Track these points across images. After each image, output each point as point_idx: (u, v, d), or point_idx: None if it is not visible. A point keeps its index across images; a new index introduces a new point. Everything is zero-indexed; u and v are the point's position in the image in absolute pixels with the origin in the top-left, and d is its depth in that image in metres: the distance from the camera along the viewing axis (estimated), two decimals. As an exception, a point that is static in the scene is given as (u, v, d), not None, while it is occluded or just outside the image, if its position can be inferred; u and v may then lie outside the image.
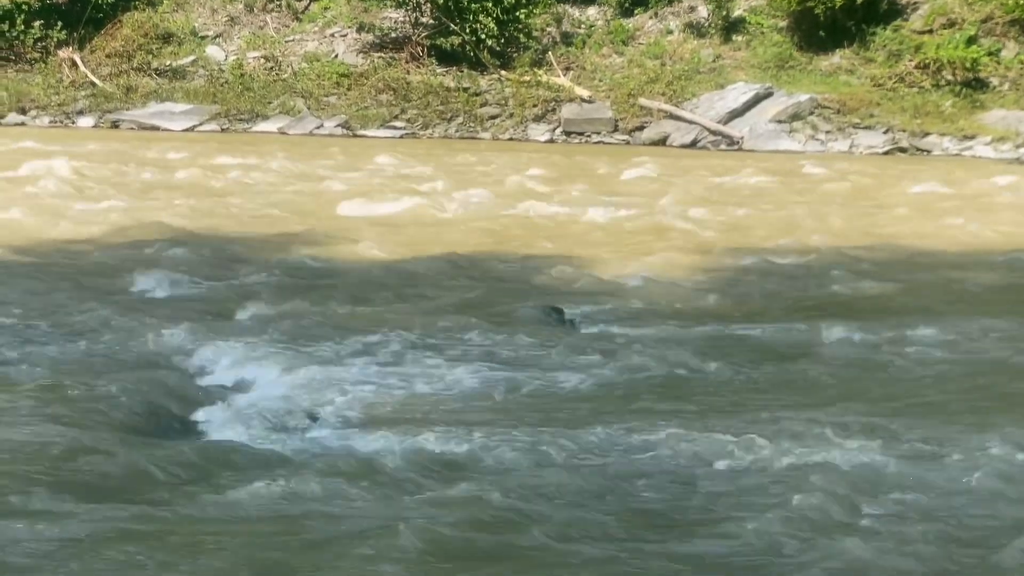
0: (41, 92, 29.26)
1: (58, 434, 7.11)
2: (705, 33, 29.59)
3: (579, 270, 12.77)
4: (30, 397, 7.75)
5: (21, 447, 6.95)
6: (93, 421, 7.43)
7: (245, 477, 6.75)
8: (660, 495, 6.82)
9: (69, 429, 7.19)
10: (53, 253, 13.02)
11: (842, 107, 26.61)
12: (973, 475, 6.98)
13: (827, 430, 7.57)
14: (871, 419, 7.84)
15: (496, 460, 7.26)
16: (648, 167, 21.49)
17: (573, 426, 7.79)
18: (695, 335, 10.20)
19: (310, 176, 19.93)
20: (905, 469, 7.11)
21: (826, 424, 7.68)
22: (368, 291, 11.64)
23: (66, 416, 7.41)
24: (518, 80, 28.64)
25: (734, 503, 6.64)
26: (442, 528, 6.08)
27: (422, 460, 7.18)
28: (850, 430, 7.62)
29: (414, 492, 6.68)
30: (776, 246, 14.49)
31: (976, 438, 7.51)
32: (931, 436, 7.60)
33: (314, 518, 6.27)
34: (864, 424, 7.73)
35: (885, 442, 7.46)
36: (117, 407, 7.69)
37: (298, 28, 31.66)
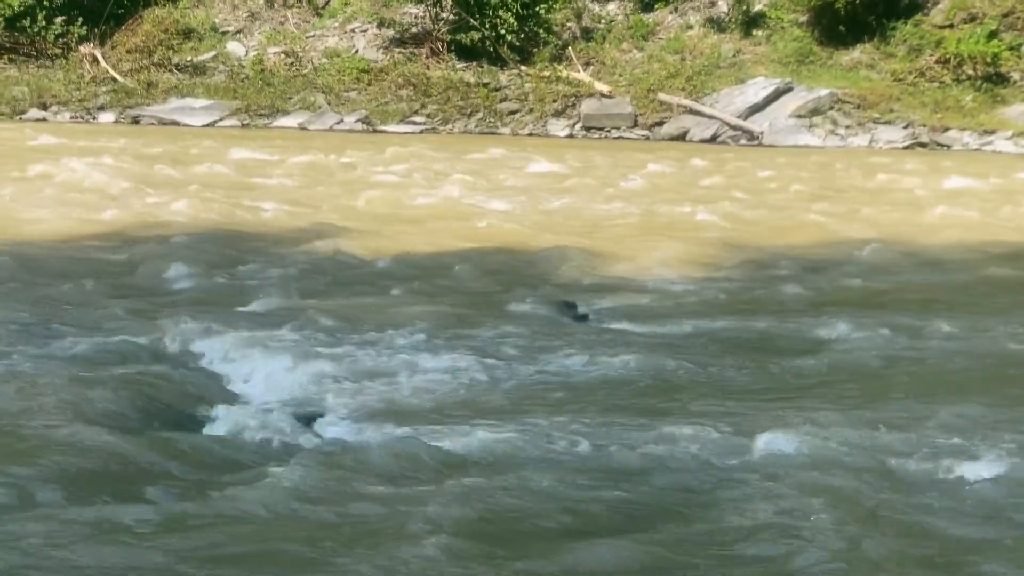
0: (62, 88, 29.41)
1: (67, 428, 7.11)
2: (725, 28, 29.53)
3: (594, 265, 12.74)
4: (40, 392, 7.75)
5: (29, 441, 6.96)
6: (103, 415, 7.43)
7: (254, 472, 6.74)
8: (672, 492, 6.78)
9: (74, 423, 7.19)
10: (67, 247, 13.06)
11: (862, 102, 26.55)
12: (992, 473, 6.92)
13: (843, 428, 7.51)
14: (887, 415, 7.78)
15: (506, 456, 7.23)
16: (667, 162, 21.45)
17: (586, 422, 7.75)
18: (709, 331, 10.15)
19: (329, 171, 19.98)
20: (922, 467, 7.05)
21: (841, 422, 7.62)
22: (381, 285, 11.64)
23: (76, 410, 7.41)
24: (538, 75, 28.65)
25: (746, 501, 6.58)
26: (452, 523, 6.05)
27: (432, 455, 7.15)
28: (866, 428, 7.56)
29: (424, 488, 6.65)
30: (794, 241, 14.45)
31: (997, 436, 7.44)
32: (946, 433, 7.54)
33: (322, 514, 6.25)
34: (880, 421, 7.67)
35: (902, 440, 7.40)
36: (127, 401, 7.69)
37: (318, 24, 31.73)
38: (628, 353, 9.26)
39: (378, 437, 7.46)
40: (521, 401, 8.19)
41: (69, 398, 7.60)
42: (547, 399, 8.30)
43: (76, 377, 8.12)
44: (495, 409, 7.98)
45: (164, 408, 7.82)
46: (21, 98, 28.95)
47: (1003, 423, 7.66)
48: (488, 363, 8.96)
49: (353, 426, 7.64)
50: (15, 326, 9.55)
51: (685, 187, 18.88)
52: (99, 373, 8.22)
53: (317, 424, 7.69)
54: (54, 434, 7.06)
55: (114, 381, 8.02)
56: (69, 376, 8.16)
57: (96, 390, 7.81)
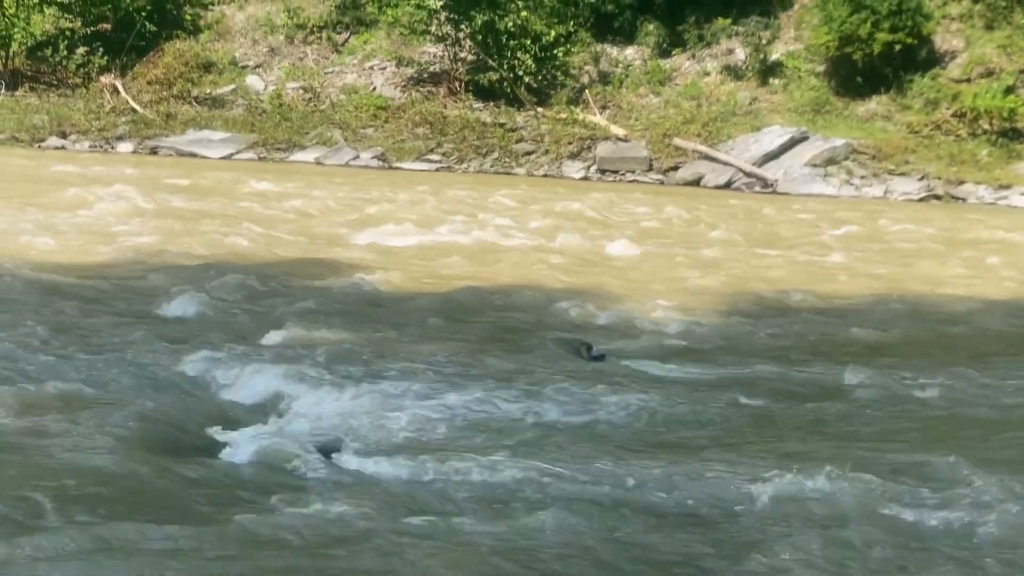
0: (82, 117, 29.59)
1: (85, 453, 7.14)
2: (742, 75, 29.65)
3: (611, 305, 12.78)
4: (59, 416, 7.79)
5: (47, 465, 6.98)
6: (119, 441, 7.45)
7: (268, 502, 6.75)
8: (686, 534, 6.78)
9: (94, 448, 7.22)
10: (87, 275, 13.10)
11: (878, 153, 26.60)
12: (999, 519, 6.91)
13: (851, 473, 7.51)
14: (896, 461, 7.78)
15: (523, 494, 7.23)
16: (681, 207, 21.51)
17: (601, 461, 7.76)
18: (724, 374, 10.18)
19: (344, 206, 20.05)
20: (934, 516, 7.05)
21: (853, 469, 7.62)
22: (397, 320, 11.68)
23: (92, 435, 7.44)
24: (554, 117, 28.78)
25: (758, 546, 6.59)
26: (467, 560, 6.06)
27: (445, 491, 7.17)
28: (878, 476, 7.55)
29: (440, 523, 6.66)
30: (808, 288, 14.46)
31: (1011, 488, 7.43)
32: (959, 484, 7.53)
33: (335, 546, 6.26)
34: (890, 467, 7.67)
35: (911, 487, 7.39)
36: (145, 428, 7.71)
37: (337, 60, 31.93)
38: (643, 394, 9.27)
39: (394, 471, 7.47)
40: (538, 439, 8.20)
41: (88, 423, 7.64)
42: (562, 438, 8.31)
43: (95, 402, 8.16)
44: (511, 446, 7.99)
45: (182, 435, 7.84)
46: (41, 126, 29.11)
47: (1020, 476, 7.65)
48: (504, 401, 8.97)
49: (370, 459, 7.64)
50: (34, 352, 9.59)
51: (701, 231, 18.94)
52: (118, 399, 8.26)
53: (334, 455, 7.70)
54: (73, 458, 7.09)
55: (133, 408, 8.05)
56: (88, 401, 8.20)
57: (115, 416, 7.84)
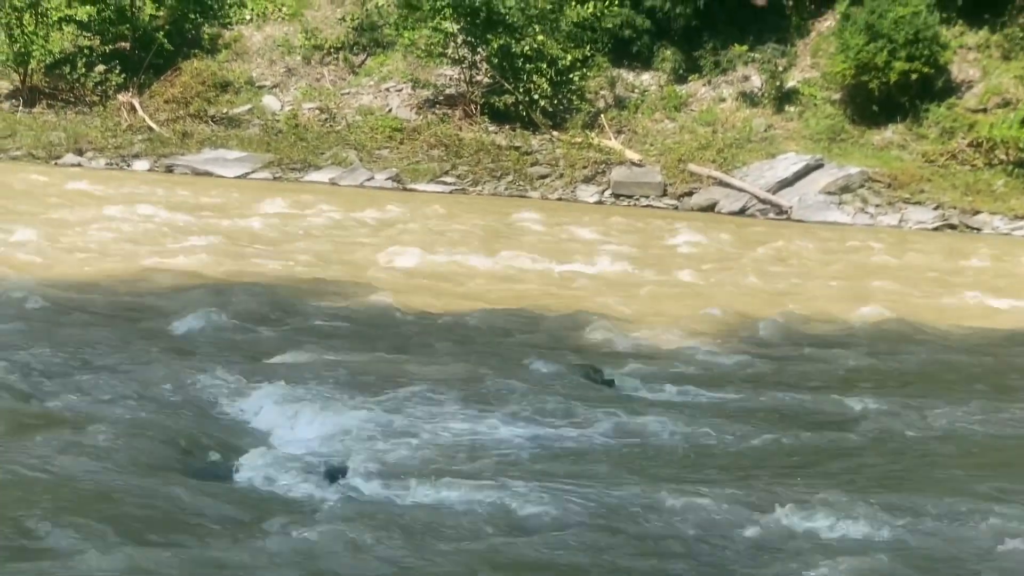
0: (99, 134, 29.71)
1: (95, 471, 7.17)
2: (758, 102, 29.67)
3: (622, 330, 12.75)
4: (70, 435, 7.81)
5: (57, 483, 7.00)
6: (130, 460, 7.48)
7: (280, 523, 6.76)
8: (694, 562, 6.76)
9: (106, 467, 7.24)
10: (99, 293, 13.14)
11: (893, 181, 26.57)
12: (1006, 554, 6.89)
13: (858, 505, 7.48)
14: (900, 496, 7.76)
15: (530, 519, 7.22)
16: (696, 232, 21.50)
17: (609, 487, 7.74)
18: (734, 401, 10.16)
19: (358, 226, 20.10)
20: (933, 546, 7.02)
21: (857, 499, 7.59)
22: (408, 343, 11.68)
23: (104, 454, 7.47)
24: (569, 141, 28.81)
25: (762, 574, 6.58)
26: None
27: (453, 514, 7.16)
28: (888, 506, 7.53)
29: (446, 547, 6.65)
30: (821, 316, 14.44)
31: (1010, 519, 7.40)
32: (957, 516, 7.50)
33: (344, 568, 6.26)
34: (902, 500, 7.65)
35: (913, 520, 7.37)
36: (154, 447, 7.74)
37: (354, 81, 32.02)
38: (652, 421, 9.25)
39: (402, 494, 7.46)
40: (546, 464, 8.19)
41: (99, 444, 7.65)
42: (571, 464, 8.29)
43: (103, 421, 8.16)
44: (520, 471, 7.98)
45: (190, 456, 7.85)
46: (58, 143, 29.24)
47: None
48: (513, 425, 8.97)
49: (378, 481, 7.64)
50: (46, 371, 9.60)
51: (715, 257, 18.94)
52: (129, 419, 8.27)
53: (342, 478, 7.70)
54: (84, 478, 7.11)
55: (143, 428, 8.07)
56: (99, 422, 8.20)
57: (125, 436, 7.86)
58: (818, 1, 31.13)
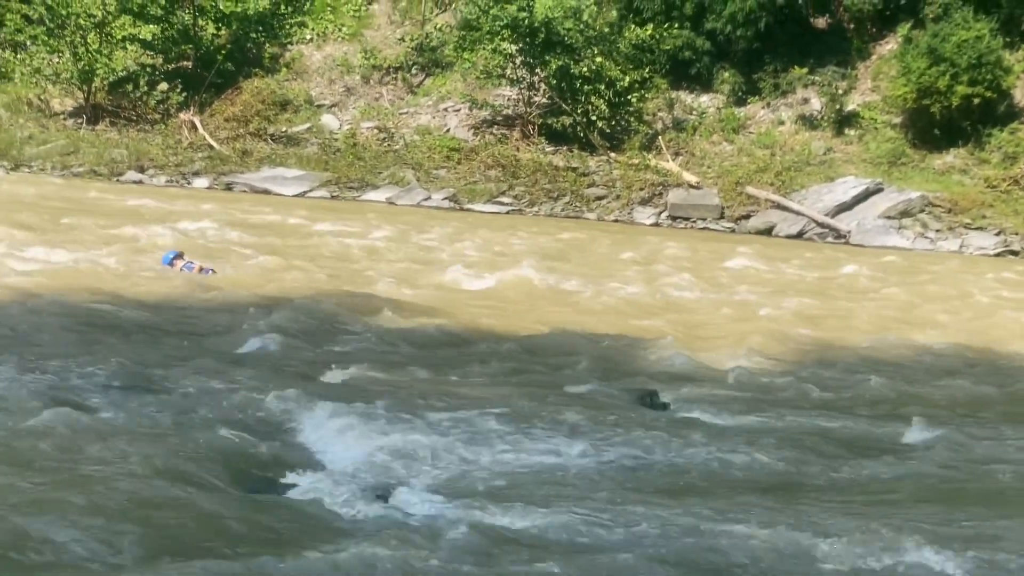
0: (160, 152, 29.98)
1: (147, 486, 7.20)
2: (817, 125, 29.47)
3: (676, 353, 12.68)
4: (124, 449, 7.85)
5: (113, 497, 7.03)
6: (182, 475, 7.51)
7: (330, 541, 6.76)
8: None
9: (158, 481, 7.27)
10: (158, 310, 13.23)
11: (953, 206, 26.27)
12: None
13: (909, 534, 7.37)
14: (958, 526, 7.65)
15: (579, 541, 7.19)
16: (753, 256, 21.37)
17: (660, 510, 7.69)
18: (788, 426, 10.06)
19: (414, 246, 20.13)
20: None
21: (913, 530, 7.48)
22: (460, 362, 11.67)
23: (156, 468, 7.50)
24: (627, 163, 28.74)
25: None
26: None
27: (505, 535, 7.13)
28: (938, 538, 7.41)
29: (496, 569, 6.62)
30: (877, 341, 14.28)
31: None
32: (1004, 543, 7.37)
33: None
34: (951, 532, 7.53)
35: (960, 549, 7.25)
36: (206, 462, 7.76)
37: (412, 101, 32.13)
38: (706, 444, 9.19)
39: (453, 514, 7.43)
40: (598, 487, 8.14)
41: (155, 457, 7.69)
42: (624, 486, 8.24)
43: (161, 437, 8.22)
44: (571, 493, 7.94)
45: (245, 471, 7.88)
46: (120, 160, 29.53)
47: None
48: (567, 446, 8.93)
49: (429, 501, 7.62)
50: (105, 385, 9.69)
51: (771, 280, 18.79)
52: (185, 434, 8.32)
53: (393, 496, 7.68)
54: (138, 491, 7.13)
55: (198, 442, 8.12)
56: (156, 435, 8.26)
57: (180, 450, 7.91)
58: (880, 24, 30.91)
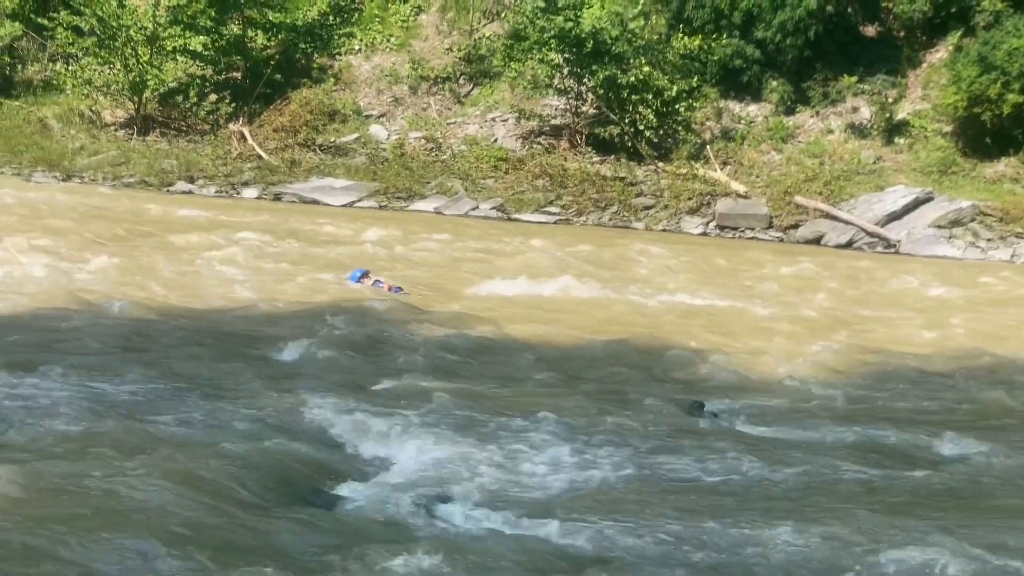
0: (209, 163, 30.18)
1: (197, 497, 7.26)
2: (867, 134, 29.29)
3: (723, 363, 12.65)
4: (174, 459, 7.92)
5: (161, 509, 7.09)
6: (232, 485, 7.57)
7: (380, 555, 6.77)
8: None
9: (209, 493, 7.34)
10: (209, 319, 13.34)
11: (1005, 215, 26.02)
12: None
13: (959, 552, 7.32)
14: (1003, 540, 7.61)
15: (631, 555, 7.20)
16: (803, 265, 21.27)
17: (709, 523, 7.69)
18: (834, 437, 10.03)
19: (463, 255, 20.17)
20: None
21: (958, 545, 7.44)
22: (510, 373, 11.69)
23: (207, 479, 7.57)
24: (674, 172, 28.67)
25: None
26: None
27: (556, 549, 7.15)
28: (984, 552, 7.37)
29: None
30: (929, 352, 14.18)
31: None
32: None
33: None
34: (997, 545, 7.49)
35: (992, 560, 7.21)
36: (257, 473, 7.82)
37: (460, 111, 32.20)
38: (752, 456, 9.18)
39: (503, 527, 7.46)
40: (647, 499, 8.14)
41: (203, 470, 7.75)
42: (672, 499, 8.24)
43: (212, 447, 8.27)
44: (620, 506, 7.94)
45: (294, 483, 7.93)
46: (170, 170, 29.75)
47: None
48: (615, 458, 8.94)
49: (479, 514, 7.65)
50: (155, 395, 9.78)
51: (820, 290, 18.67)
52: (233, 445, 8.37)
53: (444, 509, 7.71)
54: (185, 504, 7.20)
55: (247, 453, 8.17)
56: (206, 446, 8.32)
57: (229, 461, 7.96)
58: (930, 32, 30.68)
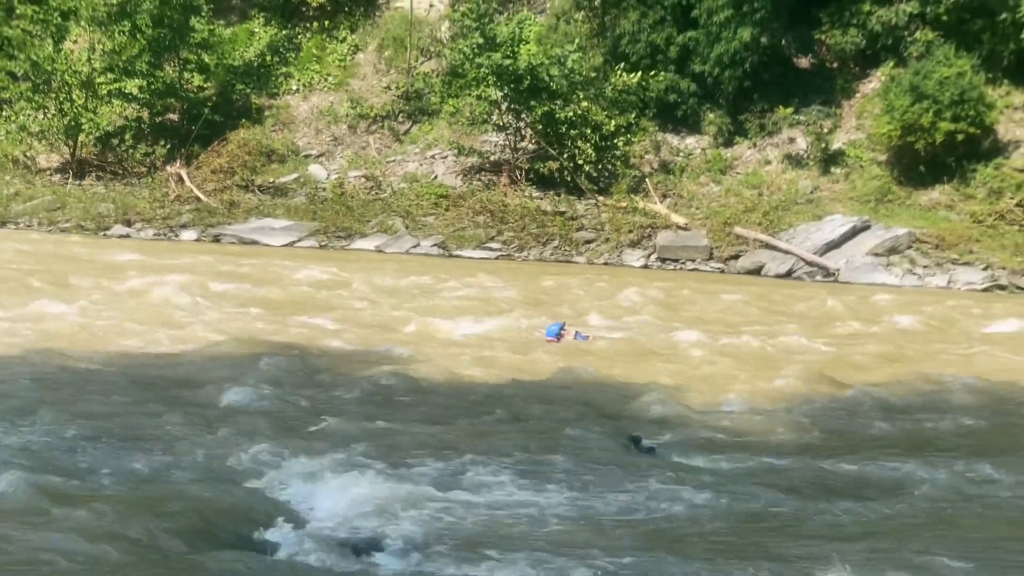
0: (147, 205, 29.96)
1: (120, 546, 7.12)
2: (804, 164, 29.54)
3: (660, 396, 12.60)
4: (104, 505, 7.77)
5: (90, 554, 6.96)
6: (162, 531, 7.43)
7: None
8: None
9: (131, 541, 7.20)
10: (142, 363, 13.18)
11: (941, 242, 26.29)
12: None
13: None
14: (957, 567, 7.59)
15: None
16: (741, 295, 21.34)
17: (647, 561, 7.63)
18: (779, 468, 10.00)
19: (403, 294, 20.09)
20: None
21: (912, 569, 7.44)
22: (446, 411, 11.59)
23: (131, 528, 7.42)
24: (615, 206, 28.76)
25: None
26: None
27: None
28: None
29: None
30: (867, 379, 14.22)
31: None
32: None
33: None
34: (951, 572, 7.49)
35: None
36: (183, 521, 7.68)
37: (399, 149, 32.18)
38: (693, 490, 9.12)
39: (436, 568, 7.37)
40: (584, 537, 8.07)
41: (128, 516, 7.61)
42: (609, 536, 8.17)
43: (139, 495, 8.14)
44: (556, 545, 7.86)
45: (222, 529, 7.78)
46: (107, 214, 29.49)
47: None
48: (550, 497, 8.86)
49: (412, 556, 7.55)
50: (82, 441, 9.62)
51: (760, 320, 18.74)
52: (163, 491, 8.25)
53: (376, 552, 7.61)
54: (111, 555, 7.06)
55: (176, 499, 8.03)
56: (133, 494, 8.18)
57: (158, 508, 7.82)
58: (863, 63, 31.03)
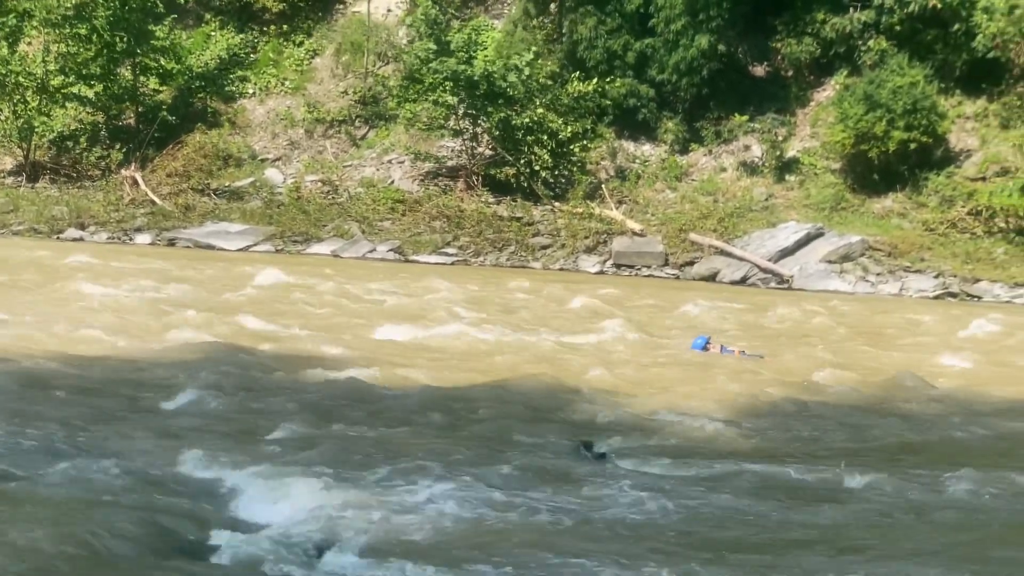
0: (101, 209, 29.81)
1: (73, 552, 7.08)
2: (758, 172, 29.75)
3: (612, 402, 12.66)
4: (48, 511, 7.73)
5: (35, 561, 6.92)
6: (110, 540, 7.39)
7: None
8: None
9: (85, 547, 7.16)
10: (90, 369, 13.08)
11: (893, 250, 26.55)
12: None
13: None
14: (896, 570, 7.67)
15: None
16: (695, 302, 21.45)
17: (598, 567, 7.66)
18: (731, 474, 10.05)
19: (357, 299, 20.07)
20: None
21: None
22: (398, 417, 11.59)
23: (78, 535, 7.37)
24: (571, 212, 28.87)
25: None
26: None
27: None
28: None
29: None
30: (815, 385, 14.34)
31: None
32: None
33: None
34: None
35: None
36: (133, 528, 7.64)
37: (356, 154, 32.16)
38: (644, 496, 9.14)
39: (389, 574, 7.37)
40: (535, 544, 8.07)
41: (76, 524, 7.56)
42: (560, 543, 8.18)
43: (88, 502, 8.09)
44: (507, 551, 7.87)
45: (172, 536, 7.74)
46: (60, 218, 29.34)
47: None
48: (501, 502, 8.86)
49: (362, 561, 7.55)
50: (30, 446, 9.55)
51: (714, 328, 18.84)
52: (112, 498, 8.19)
53: (326, 557, 7.60)
54: (58, 563, 7.01)
55: (125, 507, 7.99)
56: (81, 501, 8.13)
57: (107, 516, 7.77)
58: (817, 71, 31.30)
